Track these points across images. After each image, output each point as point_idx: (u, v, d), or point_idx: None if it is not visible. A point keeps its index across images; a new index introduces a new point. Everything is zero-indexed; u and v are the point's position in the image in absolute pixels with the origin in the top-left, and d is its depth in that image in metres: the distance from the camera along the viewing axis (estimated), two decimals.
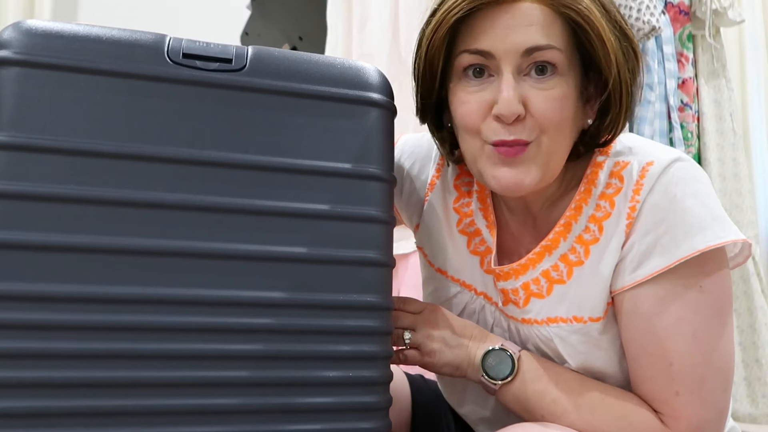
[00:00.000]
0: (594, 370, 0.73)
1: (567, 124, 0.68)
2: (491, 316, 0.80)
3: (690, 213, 0.67)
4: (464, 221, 0.83)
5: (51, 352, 0.58)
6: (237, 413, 0.62)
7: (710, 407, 0.68)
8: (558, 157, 0.70)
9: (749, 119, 2.14)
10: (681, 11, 1.73)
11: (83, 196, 0.59)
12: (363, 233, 0.66)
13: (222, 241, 0.62)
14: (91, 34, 0.62)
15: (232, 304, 0.62)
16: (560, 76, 0.67)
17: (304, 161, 0.65)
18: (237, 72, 0.64)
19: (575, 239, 0.73)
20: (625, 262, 0.69)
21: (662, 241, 0.67)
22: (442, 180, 0.86)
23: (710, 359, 0.67)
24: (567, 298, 0.73)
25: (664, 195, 0.68)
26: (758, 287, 1.85)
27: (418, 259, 1.62)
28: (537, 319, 0.75)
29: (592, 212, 0.72)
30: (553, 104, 0.66)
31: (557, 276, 0.74)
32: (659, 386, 0.69)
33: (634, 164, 0.71)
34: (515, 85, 0.66)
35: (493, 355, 0.73)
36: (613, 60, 0.67)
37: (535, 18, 0.66)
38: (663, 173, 0.68)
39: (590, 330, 0.72)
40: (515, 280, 0.76)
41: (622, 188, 0.70)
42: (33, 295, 0.58)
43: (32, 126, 0.59)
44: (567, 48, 0.67)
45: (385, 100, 0.69)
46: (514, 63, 0.66)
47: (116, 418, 0.59)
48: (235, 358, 0.62)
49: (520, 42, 0.65)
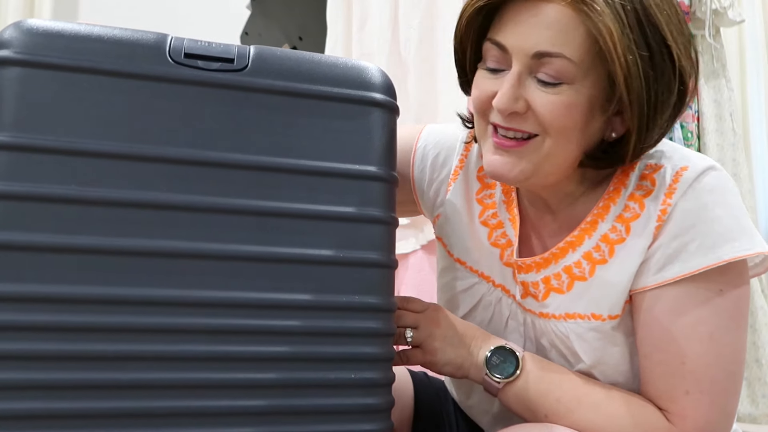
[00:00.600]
0: (607, 367, 0.74)
1: (573, 133, 0.67)
2: (507, 308, 0.81)
3: (720, 222, 0.67)
4: (486, 213, 0.83)
5: (51, 354, 0.58)
6: (239, 415, 0.62)
7: (718, 409, 0.68)
8: (557, 161, 0.69)
9: (749, 119, 2.14)
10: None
11: (85, 197, 0.59)
12: (365, 234, 0.66)
13: (223, 242, 0.62)
14: (93, 33, 0.61)
15: (233, 306, 0.62)
16: (569, 85, 0.66)
17: (306, 161, 0.65)
18: (239, 72, 0.64)
19: (600, 238, 0.73)
20: (650, 262, 0.69)
21: (690, 247, 0.67)
22: (465, 170, 0.86)
23: (724, 362, 0.68)
24: (587, 295, 0.73)
25: (697, 201, 0.68)
26: (758, 287, 1.85)
27: (418, 259, 1.63)
28: (555, 314, 0.75)
29: (620, 212, 0.72)
30: (555, 109, 0.66)
31: (579, 273, 0.74)
32: (670, 384, 0.69)
33: (668, 168, 0.70)
34: (517, 83, 0.67)
35: (497, 354, 0.73)
36: (621, 79, 0.63)
37: (554, 22, 0.65)
38: (697, 180, 0.68)
39: (606, 327, 0.72)
40: (536, 273, 0.77)
41: (653, 191, 0.70)
42: (34, 297, 0.57)
43: (33, 126, 0.59)
44: (584, 58, 0.65)
45: (387, 100, 0.68)
46: (524, 62, 0.67)
47: (120, 420, 0.59)
48: (237, 360, 0.62)
49: (532, 44, 0.65)
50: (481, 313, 0.83)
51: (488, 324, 0.82)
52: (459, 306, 0.85)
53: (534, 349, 0.79)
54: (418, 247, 1.63)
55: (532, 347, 0.79)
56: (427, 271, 1.61)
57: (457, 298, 0.86)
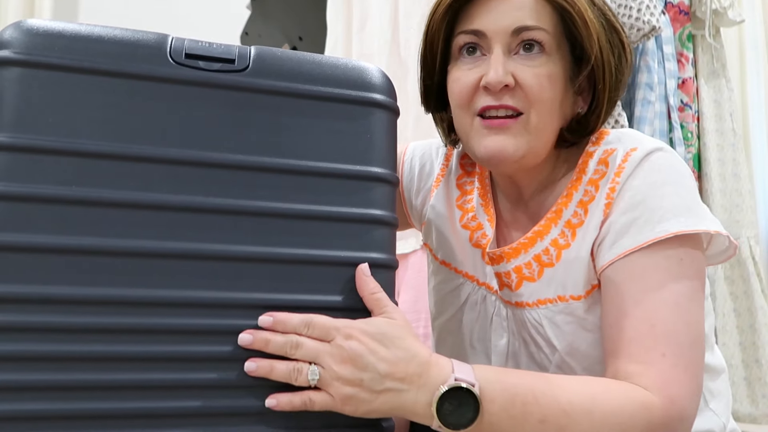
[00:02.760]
0: (580, 353, 0.74)
1: (555, 105, 0.73)
2: (492, 305, 0.83)
3: (667, 198, 0.70)
4: (466, 216, 0.86)
5: (51, 355, 0.58)
6: (239, 415, 0.62)
7: (692, 379, 0.65)
8: (544, 136, 0.74)
9: (749, 119, 2.14)
10: (681, 11, 1.73)
11: (85, 198, 0.59)
12: (366, 235, 0.66)
13: (224, 243, 0.62)
14: (93, 33, 0.61)
15: (234, 307, 0.62)
16: (547, 55, 0.73)
17: (307, 162, 0.65)
18: (240, 72, 0.64)
19: (564, 224, 0.76)
20: (605, 241, 0.72)
21: (638, 221, 0.70)
22: (446, 179, 0.90)
23: (690, 330, 0.67)
24: (554, 279, 0.76)
25: (644, 179, 0.71)
26: (758, 287, 1.85)
27: (418, 259, 1.63)
28: (528, 301, 0.77)
29: (581, 198, 0.76)
30: (540, 80, 0.72)
31: (547, 260, 0.77)
32: (643, 347, 0.65)
33: (619, 150, 0.75)
34: (504, 60, 0.72)
35: (448, 400, 0.58)
36: (595, 39, 0.71)
37: (525, 3, 0.73)
38: (644, 159, 0.72)
39: (573, 309, 0.74)
40: (507, 263, 0.79)
41: (606, 172, 0.74)
42: (34, 298, 0.57)
43: (33, 127, 0.59)
44: (555, 32, 0.73)
45: (388, 101, 0.68)
46: (504, 42, 0.72)
47: (121, 420, 0.59)
48: (238, 361, 0.61)
49: (509, 22, 0.72)
50: (468, 312, 0.85)
51: (475, 322, 0.85)
52: (448, 307, 0.88)
53: (518, 344, 0.80)
54: (418, 247, 1.63)
55: (516, 342, 0.80)
56: (426, 271, 1.61)
57: (445, 299, 0.89)
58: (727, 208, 1.82)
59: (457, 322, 0.87)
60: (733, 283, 1.84)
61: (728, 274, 1.83)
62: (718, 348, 0.87)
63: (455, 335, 0.88)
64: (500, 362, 0.82)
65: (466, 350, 0.86)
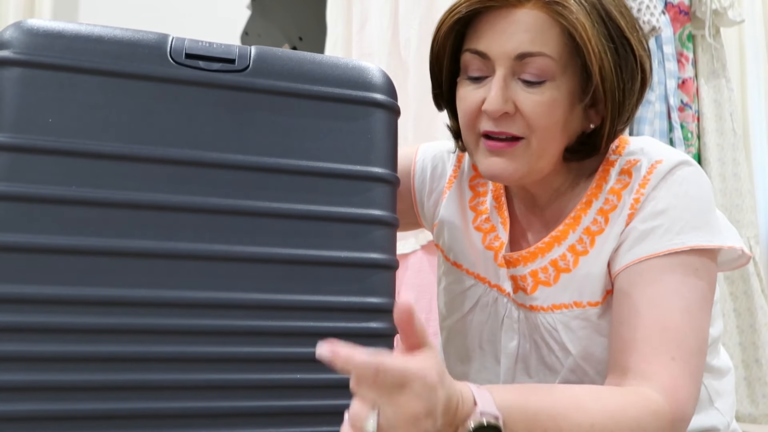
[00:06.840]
0: (594, 357, 0.75)
1: (557, 128, 0.72)
2: (503, 307, 0.83)
3: (688, 212, 0.71)
4: (480, 218, 0.87)
5: (52, 355, 0.58)
6: (239, 416, 0.62)
7: (695, 385, 0.68)
8: (546, 158, 0.74)
9: (749, 119, 2.14)
10: (681, 11, 1.73)
11: (85, 198, 0.59)
12: (366, 235, 0.66)
13: (224, 244, 0.62)
14: (93, 33, 0.61)
15: (234, 307, 0.62)
16: (551, 81, 0.71)
17: (307, 162, 0.65)
18: (240, 72, 0.64)
19: (583, 231, 0.77)
20: (622, 246, 0.73)
21: (658, 231, 0.71)
22: (459, 180, 0.90)
23: (698, 336, 0.69)
24: (571, 285, 0.76)
25: (668, 191, 0.72)
26: (758, 287, 1.85)
27: (418, 259, 1.63)
28: (543, 305, 0.78)
29: (601, 206, 0.76)
30: (542, 108, 0.70)
31: (564, 265, 0.77)
32: (654, 349, 0.67)
33: (644, 162, 0.75)
34: (504, 85, 0.71)
35: None
36: (596, 69, 0.69)
37: (531, 25, 0.70)
38: (670, 172, 0.73)
39: (589, 315, 0.75)
40: (523, 266, 0.79)
41: (630, 183, 0.75)
42: (34, 298, 0.57)
43: (34, 127, 0.59)
44: (562, 54, 0.70)
45: (388, 100, 0.69)
46: (507, 66, 0.71)
47: (122, 420, 0.59)
48: (238, 361, 0.61)
49: (513, 47, 0.70)
50: (479, 313, 0.85)
51: (485, 324, 0.85)
52: (458, 308, 0.88)
53: (528, 346, 0.80)
54: (418, 248, 1.63)
55: (527, 344, 0.81)
56: (427, 271, 1.61)
57: (456, 300, 0.89)
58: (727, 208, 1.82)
59: (467, 323, 0.87)
60: (733, 283, 1.84)
61: (728, 274, 1.83)
62: (723, 349, 0.88)
63: (464, 336, 0.88)
64: (509, 364, 0.82)
65: (475, 351, 0.86)
